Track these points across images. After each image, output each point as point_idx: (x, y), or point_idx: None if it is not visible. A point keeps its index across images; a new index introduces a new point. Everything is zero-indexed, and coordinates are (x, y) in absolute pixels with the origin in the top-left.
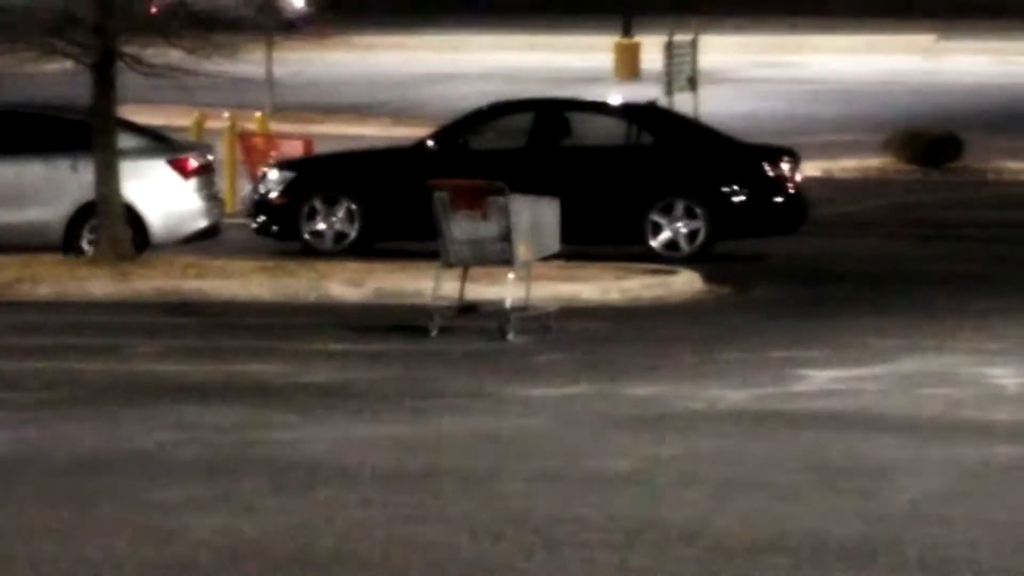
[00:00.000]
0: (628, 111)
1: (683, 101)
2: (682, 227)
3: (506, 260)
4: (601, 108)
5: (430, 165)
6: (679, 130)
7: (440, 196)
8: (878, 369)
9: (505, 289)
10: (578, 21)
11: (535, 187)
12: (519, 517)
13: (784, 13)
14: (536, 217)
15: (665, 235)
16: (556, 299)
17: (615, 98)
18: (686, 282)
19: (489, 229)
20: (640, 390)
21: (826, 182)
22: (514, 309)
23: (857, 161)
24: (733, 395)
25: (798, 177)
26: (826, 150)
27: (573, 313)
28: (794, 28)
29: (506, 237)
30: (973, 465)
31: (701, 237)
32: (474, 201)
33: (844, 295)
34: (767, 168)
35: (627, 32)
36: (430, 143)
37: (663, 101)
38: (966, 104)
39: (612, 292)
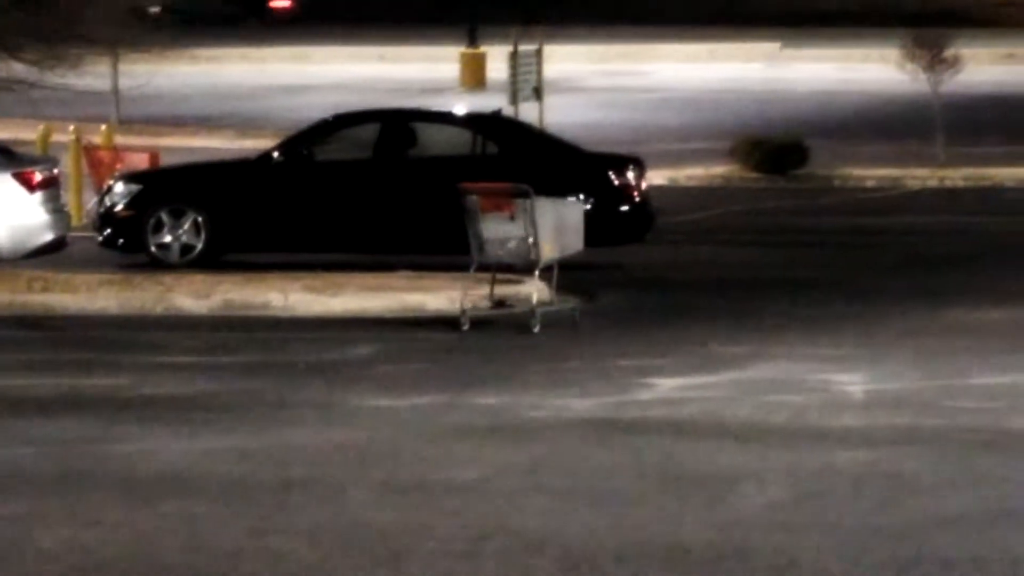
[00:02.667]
0: (473, 121)
1: (529, 110)
2: (529, 237)
3: (532, 259)
4: (446, 118)
5: (275, 177)
6: (524, 139)
7: (470, 199)
8: (724, 376)
9: (531, 286)
10: (424, 32)
11: (381, 198)
12: (366, 527)
13: (628, 22)
14: (560, 218)
15: None
16: (403, 308)
17: (460, 108)
18: (532, 291)
19: (516, 230)
20: (487, 400)
21: (672, 190)
22: (540, 304)
23: (703, 169)
24: (579, 404)
25: (644, 185)
26: (672, 158)
27: (419, 323)
28: (640, 38)
29: (532, 237)
30: (819, 471)
31: None
32: (501, 203)
33: (690, 303)
34: (613, 177)
35: (473, 42)
36: (275, 155)
37: (508, 111)
38: (811, 111)
39: (459, 302)
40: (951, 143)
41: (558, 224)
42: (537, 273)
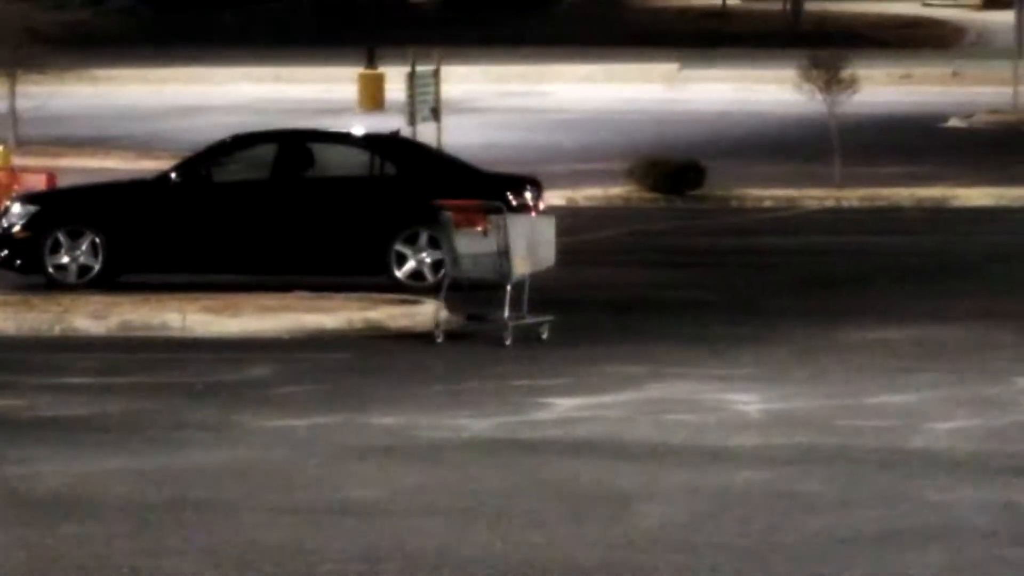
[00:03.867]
0: (371, 142)
1: (427, 131)
2: (427, 257)
3: (504, 273)
4: (344, 139)
5: (173, 197)
6: (422, 160)
7: (445, 215)
8: (622, 396)
9: (501, 300)
10: (322, 52)
11: (279, 218)
12: (262, 549)
13: (527, 43)
14: (532, 234)
15: (410, 265)
16: (301, 329)
17: (358, 129)
18: (431, 312)
19: (489, 245)
20: (384, 420)
21: (570, 210)
22: (511, 318)
23: (601, 189)
24: (477, 424)
25: (542, 206)
26: (570, 179)
27: (317, 344)
28: (527, 58)
29: (504, 252)
30: (716, 491)
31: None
32: (474, 219)
33: (587, 323)
34: (510, 197)
35: (371, 63)
36: (173, 175)
37: (406, 131)
38: (709, 132)
39: (357, 322)
40: (848, 164)
41: (531, 239)
42: (509, 288)
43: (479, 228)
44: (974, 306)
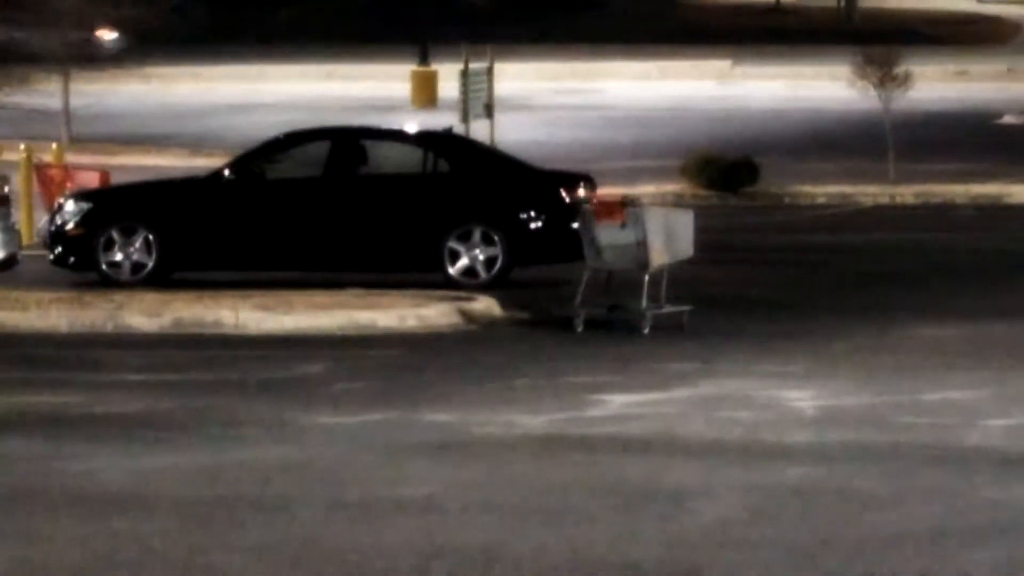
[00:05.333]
0: (424, 139)
1: (480, 128)
2: (480, 254)
3: (642, 264)
4: (397, 136)
5: (226, 195)
6: (476, 157)
7: (584, 209)
8: (676, 393)
9: (641, 290)
10: (376, 50)
11: (332, 215)
12: (315, 546)
13: (580, 40)
14: (670, 225)
15: (463, 262)
16: (354, 326)
17: (411, 126)
18: (484, 309)
19: (627, 236)
20: (437, 417)
21: None
22: (649, 308)
23: (654, 186)
24: (530, 421)
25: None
26: (623, 176)
27: (370, 341)
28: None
29: (642, 243)
30: (770, 488)
31: (499, 264)
32: (614, 212)
33: (640, 320)
34: (564, 194)
35: (424, 60)
36: (226, 173)
37: (459, 128)
38: (762, 129)
39: (410, 319)
40: (902, 160)
41: (668, 231)
42: (647, 278)
43: (618, 221)
44: None
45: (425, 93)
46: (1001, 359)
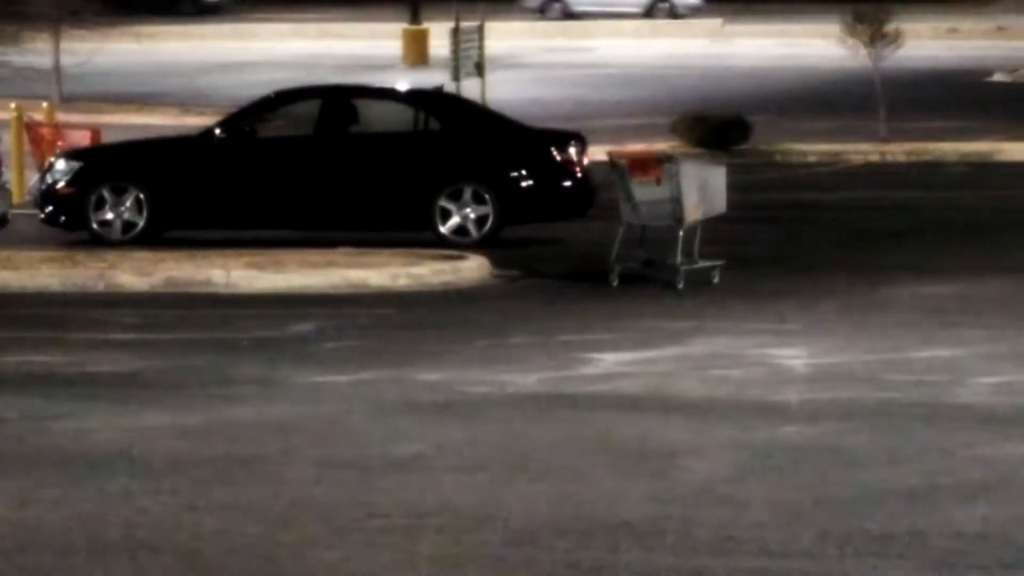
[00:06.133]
0: (415, 97)
1: (471, 87)
2: (471, 213)
3: (677, 219)
4: (388, 94)
5: (217, 154)
6: (467, 116)
7: (619, 165)
8: (667, 351)
9: (674, 245)
10: (367, 8)
11: (323, 174)
12: (308, 504)
13: None
14: (703, 181)
15: (454, 221)
16: (345, 285)
17: (402, 84)
18: (475, 267)
19: (662, 192)
20: (429, 376)
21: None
22: (683, 263)
23: (646, 145)
24: (522, 379)
25: (586, 161)
26: (614, 134)
27: (361, 300)
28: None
29: (677, 199)
30: (762, 445)
31: (490, 222)
32: (648, 169)
33: (631, 278)
34: (555, 153)
35: (415, 18)
36: (217, 131)
37: (450, 87)
38: (753, 87)
39: (401, 278)
40: (893, 118)
41: (702, 187)
42: (680, 233)
43: (653, 176)
44: (1019, 261)
45: (416, 51)
46: (991, 316)
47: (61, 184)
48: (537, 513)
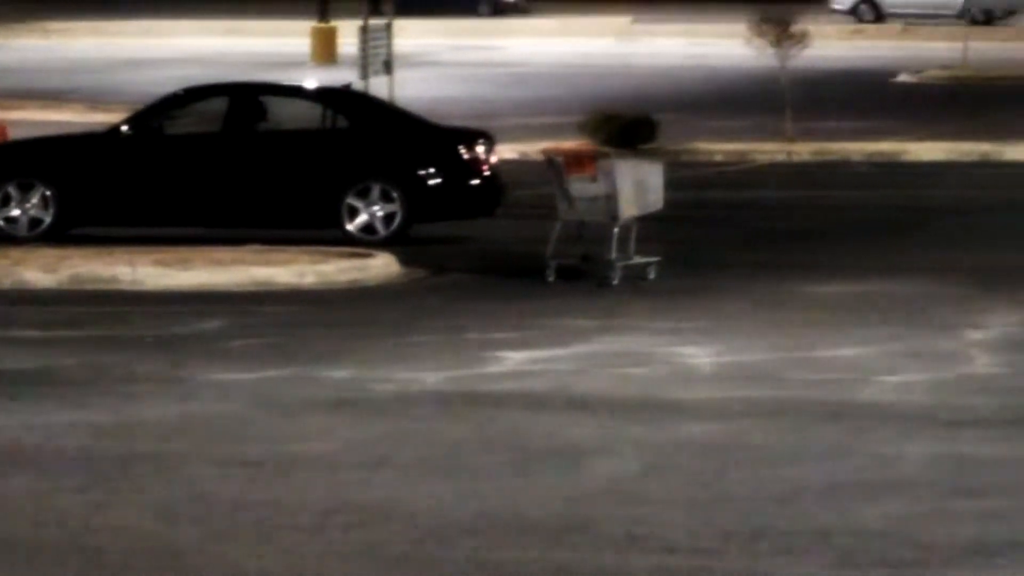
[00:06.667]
0: (323, 95)
1: (379, 85)
2: (378, 210)
3: (612, 216)
4: (296, 92)
5: (125, 150)
6: (375, 114)
7: (555, 162)
8: (574, 349)
9: (610, 242)
10: (277, 6)
11: (231, 171)
12: (213, 502)
13: None
14: (640, 178)
15: (362, 219)
16: (252, 283)
17: (310, 82)
18: (382, 265)
19: (598, 189)
20: (335, 373)
21: (523, 164)
22: (618, 259)
23: (554, 143)
24: (428, 377)
25: (494, 160)
26: (523, 132)
27: (268, 297)
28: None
29: (612, 196)
30: (667, 444)
31: (398, 220)
32: (584, 165)
33: (539, 277)
34: (463, 151)
35: (323, 16)
36: (125, 128)
37: (359, 85)
38: (661, 86)
39: (308, 276)
40: (799, 118)
41: (638, 184)
42: (616, 230)
43: (589, 173)
44: (924, 260)
45: (325, 49)
46: (894, 315)
47: None
48: (443, 511)
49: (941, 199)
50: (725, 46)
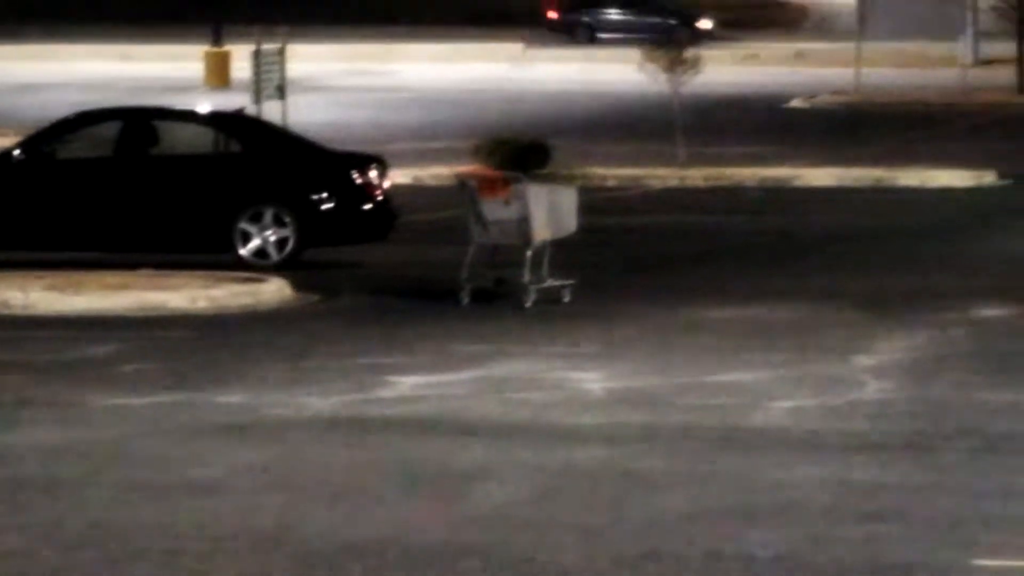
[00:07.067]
0: (216, 119)
1: (272, 110)
2: (271, 235)
3: (525, 239)
4: (189, 116)
5: (16, 175)
6: (267, 138)
7: (468, 185)
8: (465, 374)
9: (523, 265)
10: (168, 30)
11: (123, 196)
12: (104, 526)
13: (374, 22)
14: (553, 202)
15: (254, 243)
16: (144, 307)
17: (203, 106)
18: (275, 290)
19: (511, 212)
20: (227, 398)
21: (416, 189)
22: (532, 281)
23: (447, 168)
24: (319, 402)
25: (387, 184)
26: (417, 157)
27: (161, 322)
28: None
29: (525, 219)
30: (558, 469)
31: (290, 245)
32: (497, 189)
33: (430, 302)
34: (355, 175)
35: (217, 41)
36: (16, 152)
37: (251, 109)
38: (554, 111)
39: (200, 300)
40: (692, 143)
41: (551, 208)
42: (529, 253)
43: (502, 197)
44: (815, 285)
45: (218, 74)
46: (787, 340)
47: None
48: (333, 536)
49: (832, 225)
50: (618, 72)
